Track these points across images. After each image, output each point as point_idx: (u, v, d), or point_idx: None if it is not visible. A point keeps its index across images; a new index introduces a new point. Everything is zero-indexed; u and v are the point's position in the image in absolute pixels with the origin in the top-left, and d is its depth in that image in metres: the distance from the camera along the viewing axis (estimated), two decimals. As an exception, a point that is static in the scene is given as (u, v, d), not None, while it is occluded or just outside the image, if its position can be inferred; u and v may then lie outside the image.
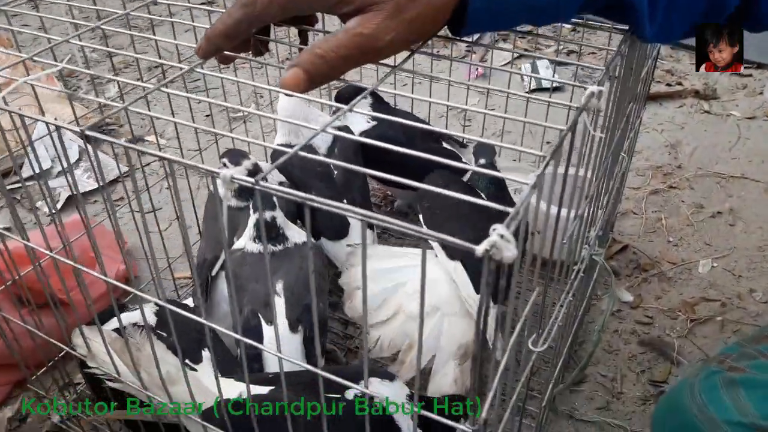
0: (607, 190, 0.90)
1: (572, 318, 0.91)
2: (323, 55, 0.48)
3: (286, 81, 0.48)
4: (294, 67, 0.48)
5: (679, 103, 1.90)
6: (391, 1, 0.47)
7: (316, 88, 0.51)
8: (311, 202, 0.40)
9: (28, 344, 0.90)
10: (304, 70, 0.48)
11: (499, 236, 0.36)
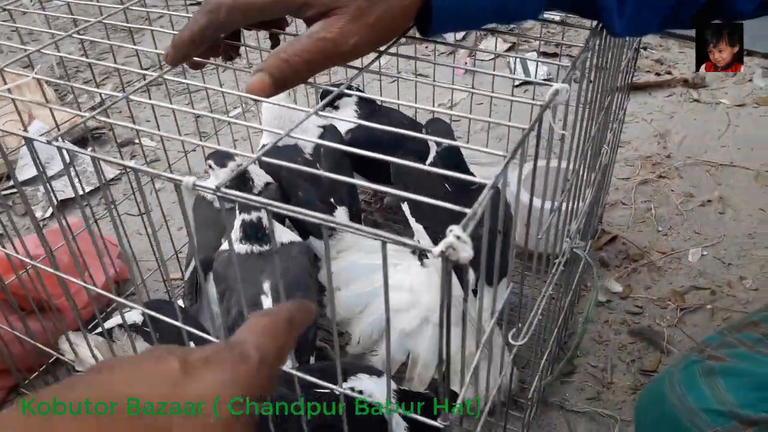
0: (588, 182, 0.91)
1: (557, 310, 0.91)
2: (287, 60, 0.48)
3: (252, 85, 0.49)
4: (259, 71, 0.49)
5: (668, 92, 1.90)
6: (353, 5, 0.47)
7: (282, 92, 0.51)
8: (271, 208, 0.40)
9: (18, 350, 0.92)
10: (270, 75, 0.49)
11: (455, 237, 0.37)
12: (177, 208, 1.35)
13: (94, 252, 1.17)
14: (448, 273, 0.38)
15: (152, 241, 1.28)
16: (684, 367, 0.70)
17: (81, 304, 1.09)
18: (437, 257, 0.37)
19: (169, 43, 0.53)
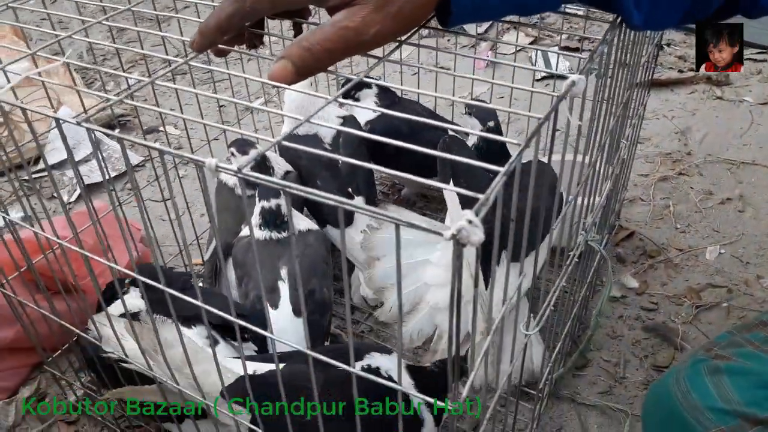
0: (606, 176, 0.91)
1: (570, 303, 0.92)
2: (309, 48, 0.50)
3: (274, 73, 0.50)
4: (282, 59, 0.50)
5: (690, 89, 1.88)
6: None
7: (303, 80, 0.53)
8: (290, 190, 0.42)
9: (44, 329, 0.94)
10: (292, 62, 0.50)
11: (467, 221, 0.38)
12: (199, 195, 1.37)
13: (117, 235, 1.20)
14: (459, 257, 0.39)
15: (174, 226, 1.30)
16: (690, 366, 0.71)
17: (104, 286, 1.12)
18: (449, 240, 0.38)
19: (195, 31, 0.54)
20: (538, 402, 0.91)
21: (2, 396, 1.04)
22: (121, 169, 1.64)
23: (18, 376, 1.08)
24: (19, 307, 0.90)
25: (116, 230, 1.24)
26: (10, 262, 0.88)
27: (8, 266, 0.89)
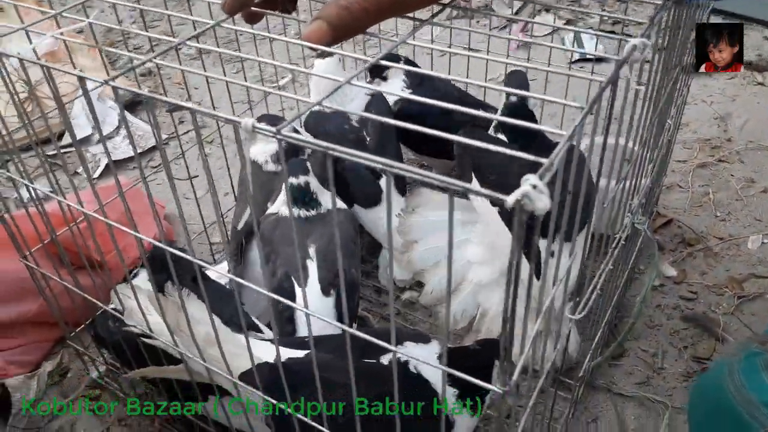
0: (651, 157, 0.87)
1: (612, 289, 0.88)
2: (348, 7, 0.46)
3: (309, 34, 0.47)
4: (317, 19, 0.47)
5: (730, 74, 1.81)
6: None
7: (339, 42, 0.49)
8: (333, 152, 0.39)
9: (67, 303, 0.93)
10: (328, 23, 0.46)
11: (531, 186, 0.34)
12: (224, 173, 1.34)
13: (141, 212, 1.18)
14: (522, 225, 0.35)
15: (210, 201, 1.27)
16: (744, 359, 0.67)
17: (128, 261, 1.10)
18: (511, 208, 0.34)
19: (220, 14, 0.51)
20: (575, 390, 0.88)
21: (24, 370, 1.03)
22: (144, 146, 1.62)
23: (40, 350, 1.07)
24: (42, 279, 0.88)
25: (140, 207, 1.23)
26: (34, 236, 0.87)
27: (32, 239, 0.87)
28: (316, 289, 0.93)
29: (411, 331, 0.85)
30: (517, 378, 0.46)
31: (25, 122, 0.72)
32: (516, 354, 0.46)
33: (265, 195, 1.07)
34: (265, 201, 1.06)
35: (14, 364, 1.03)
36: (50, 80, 0.52)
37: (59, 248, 0.84)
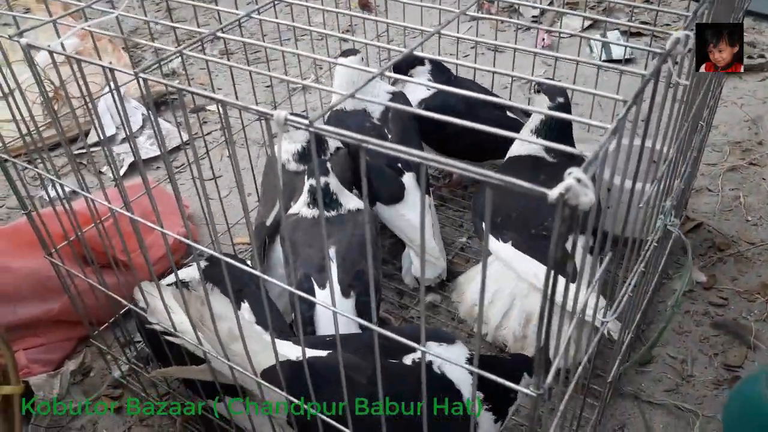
0: (684, 159, 0.84)
1: (642, 292, 0.86)
2: None
3: None
4: None
5: (761, 76, 1.78)
6: None
7: None
8: (366, 144, 0.37)
9: (91, 302, 0.93)
10: None
11: (575, 180, 0.33)
12: (247, 174, 1.34)
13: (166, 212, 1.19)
14: (564, 221, 0.34)
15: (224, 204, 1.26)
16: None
17: (153, 260, 1.10)
18: (553, 202, 0.33)
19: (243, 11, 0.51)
20: (602, 396, 0.85)
21: (47, 368, 1.03)
22: (168, 146, 1.62)
23: (63, 349, 1.07)
24: (67, 277, 0.88)
25: (165, 207, 1.23)
26: (60, 233, 0.87)
27: (58, 237, 0.87)
28: (337, 290, 0.92)
29: (434, 332, 0.84)
30: (552, 381, 0.44)
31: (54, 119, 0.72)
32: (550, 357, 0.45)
33: (287, 195, 1.06)
34: (288, 201, 1.05)
35: (37, 363, 1.03)
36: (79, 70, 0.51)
37: (85, 246, 0.84)
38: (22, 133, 0.77)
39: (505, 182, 0.34)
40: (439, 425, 0.68)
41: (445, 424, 0.69)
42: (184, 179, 1.52)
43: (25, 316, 1.03)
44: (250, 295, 0.89)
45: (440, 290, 1.17)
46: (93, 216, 0.77)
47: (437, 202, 1.36)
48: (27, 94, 0.75)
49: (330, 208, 1.00)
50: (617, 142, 0.41)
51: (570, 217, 0.34)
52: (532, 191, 0.33)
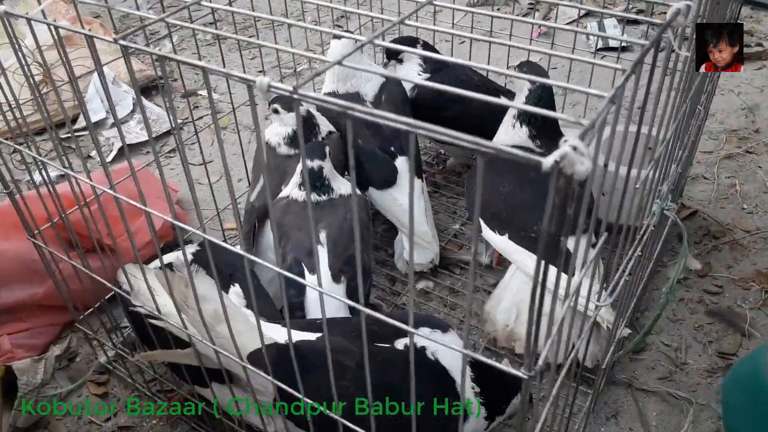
0: (682, 142, 0.83)
1: (638, 278, 0.84)
2: None
3: None
4: None
5: (758, 65, 1.76)
6: None
7: None
8: (352, 111, 0.36)
9: (76, 286, 0.91)
10: None
11: (571, 147, 0.31)
12: (238, 159, 1.32)
13: (152, 195, 1.16)
14: (559, 191, 0.32)
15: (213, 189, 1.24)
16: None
17: (139, 245, 1.08)
18: (549, 170, 0.31)
19: None
20: (596, 384, 0.84)
21: (32, 353, 1.01)
22: (158, 131, 1.60)
23: (48, 334, 1.05)
24: (51, 261, 0.86)
25: (152, 190, 1.21)
26: (44, 216, 0.85)
27: (42, 220, 0.85)
28: (327, 276, 0.91)
29: (427, 318, 0.82)
30: (543, 364, 0.43)
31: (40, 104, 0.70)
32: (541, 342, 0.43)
33: (278, 178, 1.04)
34: (279, 184, 1.04)
35: (22, 348, 1.01)
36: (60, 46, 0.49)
37: (69, 229, 0.82)
38: (6, 117, 0.75)
39: (497, 150, 0.33)
40: (429, 411, 0.66)
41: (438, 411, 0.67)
42: (174, 163, 1.49)
43: (9, 300, 1.01)
44: (241, 279, 0.87)
45: (432, 276, 1.16)
46: (77, 197, 0.75)
47: (431, 189, 1.35)
48: (14, 77, 0.73)
49: (322, 193, 0.98)
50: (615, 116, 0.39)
51: (565, 188, 0.32)
52: (526, 160, 0.31)
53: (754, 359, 0.67)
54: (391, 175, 1.11)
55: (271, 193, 1.01)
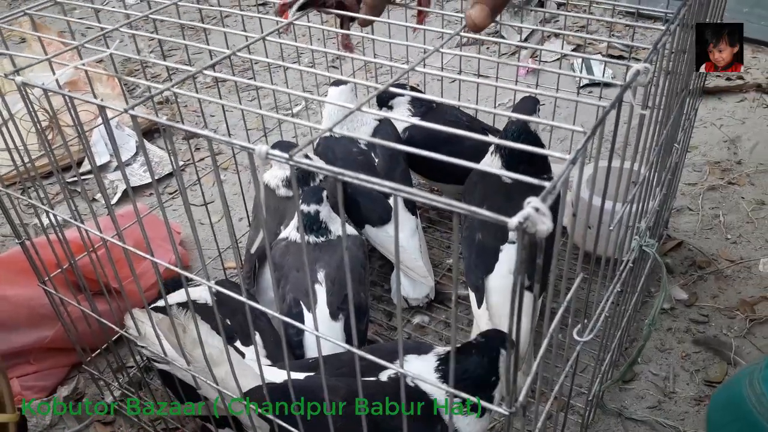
0: (659, 180, 0.87)
1: (622, 311, 0.88)
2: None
3: (474, 16, 0.56)
4: (477, 3, 0.55)
5: (739, 97, 1.82)
6: None
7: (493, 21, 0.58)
8: (342, 177, 0.40)
9: (84, 329, 0.94)
10: (486, 4, 0.55)
11: (533, 209, 0.36)
12: (238, 199, 1.37)
13: (157, 238, 1.20)
14: (525, 248, 0.37)
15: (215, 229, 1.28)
16: (765, 367, 0.67)
17: (145, 286, 1.12)
18: (514, 230, 0.36)
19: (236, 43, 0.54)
20: (585, 414, 0.87)
21: (40, 395, 1.04)
22: (161, 173, 1.65)
23: (56, 376, 1.08)
24: (60, 305, 0.90)
25: (156, 233, 1.25)
26: (53, 261, 0.89)
27: (51, 265, 0.89)
28: (325, 313, 0.94)
29: (412, 344, 0.85)
30: (523, 399, 0.47)
31: (48, 149, 0.74)
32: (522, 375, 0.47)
33: (277, 220, 1.09)
34: (278, 225, 1.08)
35: (30, 390, 1.04)
36: (72, 109, 0.54)
37: (78, 274, 0.86)
38: (15, 162, 0.79)
39: (469, 211, 0.37)
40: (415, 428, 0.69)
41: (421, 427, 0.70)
42: (177, 204, 1.54)
43: (18, 344, 1.04)
44: (262, 328, 0.91)
45: (428, 311, 1.20)
46: (86, 245, 0.79)
47: (425, 225, 1.39)
48: (21, 124, 0.78)
49: (320, 234, 1.02)
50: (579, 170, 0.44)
51: (529, 244, 0.36)
52: (493, 219, 0.36)
53: (735, 383, 0.70)
54: (385, 213, 1.15)
55: (272, 235, 1.06)
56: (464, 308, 1.18)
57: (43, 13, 0.71)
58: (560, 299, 0.56)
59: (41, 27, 1.80)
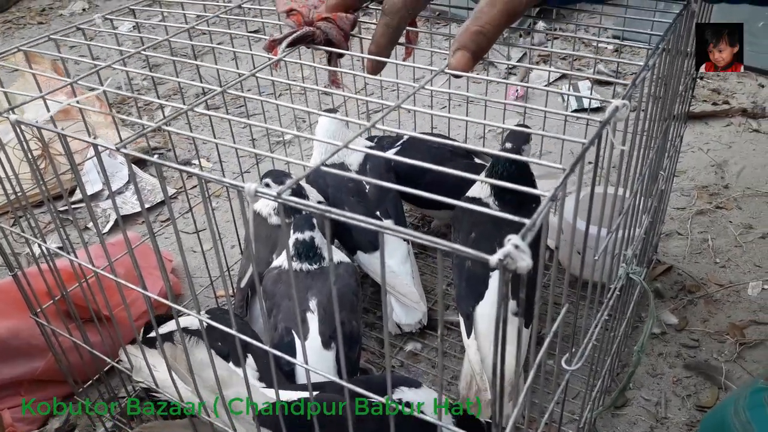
0: (645, 208, 0.89)
1: (610, 338, 0.89)
2: (482, 31, 0.52)
3: (456, 64, 0.53)
4: (458, 50, 0.53)
5: (725, 122, 1.85)
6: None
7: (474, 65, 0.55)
8: (330, 214, 0.41)
9: (75, 359, 0.94)
10: (468, 50, 0.53)
11: (513, 246, 0.37)
12: (230, 227, 1.38)
13: (149, 267, 1.21)
14: (506, 283, 0.38)
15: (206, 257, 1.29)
16: (750, 395, 0.68)
17: (136, 315, 1.12)
18: (495, 268, 0.37)
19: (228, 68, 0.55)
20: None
21: (32, 427, 1.04)
22: (153, 201, 1.66)
23: (47, 407, 1.08)
24: (51, 336, 0.90)
25: (148, 262, 1.26)
26: (45, 292, 0.89)
27: (42, 294, 0.89)
28: (317, 342, 0.95)
29: (401, 379, 0.86)
30: (511, 429, 0.47)
31: (39, 181, 0.75)
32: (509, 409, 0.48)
33: (269, 247, 1.09)
34: (270, 253, 1.09)
35: (22, 422, 1.04)
36: (66, 146, 0.55)
37: (70, 305, 0.87)
38: (6, 192, 0.79)
39: (453, 249, 0.38)
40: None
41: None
42: (169, 232, 1.54)
43: (9, 375, 1.04)
44: (255, 352, 0.91)
45: (420, 338, 1.20)
46: (77, 275, 0.80)
47: (417, 250, 1.40)
48: (14, 153, 0.78)
49: (313, 262, 1.03)
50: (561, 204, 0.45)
51: (510, 279, 0.37)
52: (474, 257, 0.37)
53: (722, 410, 0.71)
54: (376, 239, 1.16)
55: (264, 263, 1.07)
56: (457, 335, 1.18)
57: (36, 50, 0.73)
58: (547, 327, 0.57)
59: (34, 56, 1.81)
